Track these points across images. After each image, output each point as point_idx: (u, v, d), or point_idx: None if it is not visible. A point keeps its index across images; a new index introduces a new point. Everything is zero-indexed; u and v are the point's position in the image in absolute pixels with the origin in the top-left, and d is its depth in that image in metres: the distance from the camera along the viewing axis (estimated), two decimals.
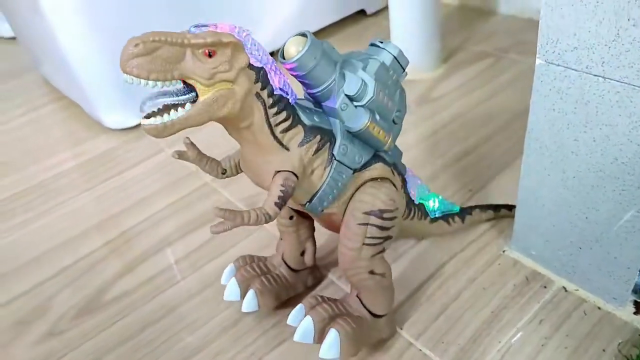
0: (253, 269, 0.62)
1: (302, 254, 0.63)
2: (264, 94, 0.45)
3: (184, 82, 0.40)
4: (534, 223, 0.60)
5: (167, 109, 0.41)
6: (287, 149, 0.47)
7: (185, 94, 0.41)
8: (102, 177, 0.91)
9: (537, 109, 0.52)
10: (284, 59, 0.46)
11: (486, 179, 0.77)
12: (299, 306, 0.55)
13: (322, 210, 0.52)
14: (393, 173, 0.54)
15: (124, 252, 0.75)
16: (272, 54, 1.19)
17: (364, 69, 0.48)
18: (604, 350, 0.53)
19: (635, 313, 0.56)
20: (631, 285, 0.55)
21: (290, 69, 0.46)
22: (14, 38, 1.47)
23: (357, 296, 0.55)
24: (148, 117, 0.40)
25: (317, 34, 1.24)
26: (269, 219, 0.45)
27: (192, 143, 0.51)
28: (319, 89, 0.47)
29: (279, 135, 0.47)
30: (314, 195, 0.50)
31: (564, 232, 0.57)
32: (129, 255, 0.74)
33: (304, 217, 0.61)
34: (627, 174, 0.48)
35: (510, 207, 0.69)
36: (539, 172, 0.56)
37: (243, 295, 0.60)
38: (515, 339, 0.55)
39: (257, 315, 0.62)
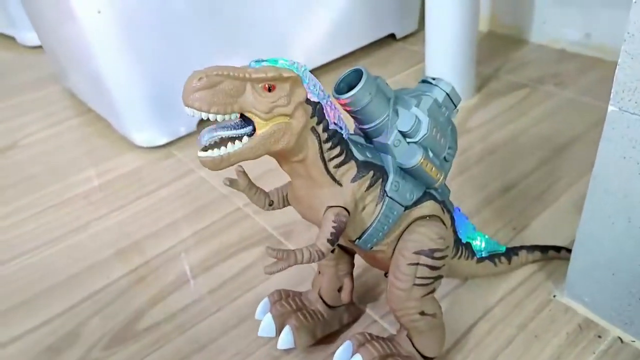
0: (289, 304, 0.60)
1: (339, 290, 0.61)
2: (319, 128, 0.45)
3: (242, 116, 0.41)
4: (590, 270, 0.58)
5: (224, 142, 0.41)
6: (340, 184, 0.47)
7: (242, 127, 0.42)
8: (129, 198, 0.89)
9: (605, 156, 0.51)
10: (337, 93, 0.46)
11: (530, 217, 0.75)
12: (347, 343, 0.53)
13: (371, 247, 0.51)
14: (443, 211, 0.53)
15: (152, 281, 0.73)
16: None
17: (417, 105, 0.48)
18: None
19: None
20: None
21: (345, 104, 0.46)
22: (38, 47, 1.46)
23: (407, 336, 0.53)
24: (205, 149, 0.41)
25: (346, 57, 1.23)
26: (322, 256, 0.45)
27: (244, 172, 0.51)
28: (372, 124, 0.47)
29: (332, 170, 0.46)
30: (364, 232, 0.49)
31: (624, 281, 0.55)
32: (157, 284, 0.72)
33: (345, 252, 0.60)
34: None
35: (559, 249, 0.67)
36: (602, 219, 0.54)
37: (278, 332, 0.58)
38: None
39: (295, 355, 0.60)
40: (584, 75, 1.08)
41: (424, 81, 0.51)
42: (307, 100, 0.43)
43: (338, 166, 0.46)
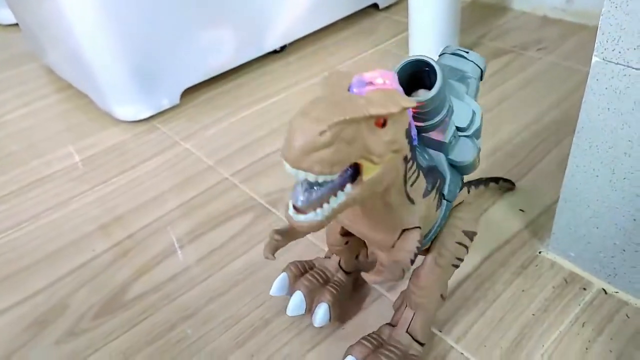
0: (315, 279, 0.57)
1: (357, 257, 0.59)
2: (408, 149, 0.38)
3: None
4: (575, 224, 0.59)
5: (323, 198, 0.33)
6: (413, 202, 0.42)
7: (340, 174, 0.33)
8: (111, 173, 0.88)
9: (589, 108, 0.51)
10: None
11: (515, 178, 0.75)
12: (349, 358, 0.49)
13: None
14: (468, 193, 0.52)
15: (138, 253, 0.72)
16: (283, 47, 1.17)
17: (468, 93, 0.44)
18: None
19: None
20: None
21: (416, 107, 0.40)
22: (14, 25, 1.42)
23: (407, 332, 0.52)
24: (299, 210, 0.33)
25: (329, 27, 1.21)
26: (404, 274, 0.42)
27: (280, 235, 0.46)
28: (432, 122, 0.41)
29: (409, 190, 0.40)
30: (424, 236, 0.46)
31: (608, 234, 0.56)
32: (144, 256, 0.71)
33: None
34: None
35: (497, 180, 0.71)
36: (586, 172, 0.54)
37: (309, 308, 0.56)
38: (559, 342, 0.54)
39: (286, 319, 0.60)
40: (567, 41, 1.08)
41: (455, 54, 0.47)
42: None
43: (412, 184, 0.40)
